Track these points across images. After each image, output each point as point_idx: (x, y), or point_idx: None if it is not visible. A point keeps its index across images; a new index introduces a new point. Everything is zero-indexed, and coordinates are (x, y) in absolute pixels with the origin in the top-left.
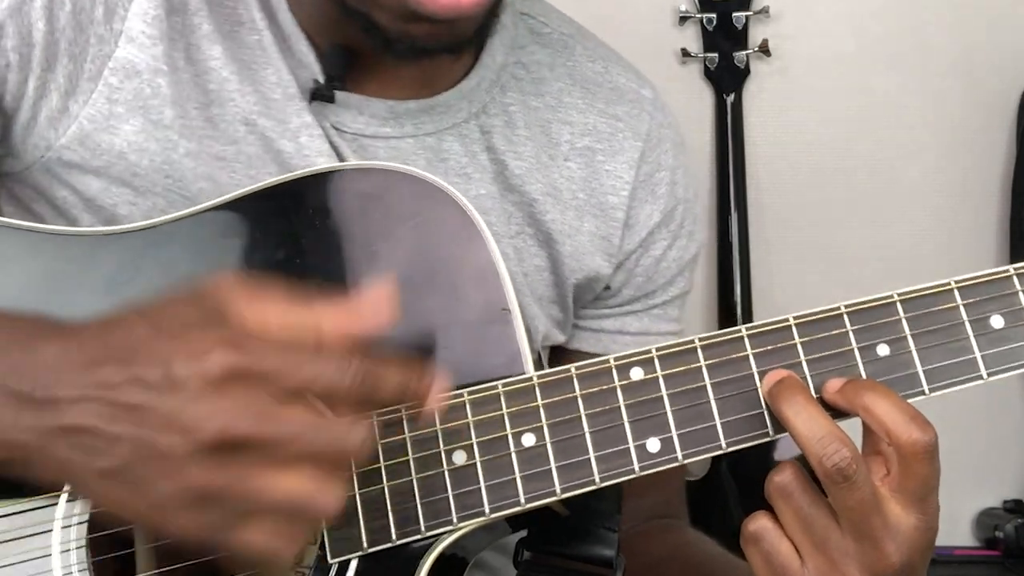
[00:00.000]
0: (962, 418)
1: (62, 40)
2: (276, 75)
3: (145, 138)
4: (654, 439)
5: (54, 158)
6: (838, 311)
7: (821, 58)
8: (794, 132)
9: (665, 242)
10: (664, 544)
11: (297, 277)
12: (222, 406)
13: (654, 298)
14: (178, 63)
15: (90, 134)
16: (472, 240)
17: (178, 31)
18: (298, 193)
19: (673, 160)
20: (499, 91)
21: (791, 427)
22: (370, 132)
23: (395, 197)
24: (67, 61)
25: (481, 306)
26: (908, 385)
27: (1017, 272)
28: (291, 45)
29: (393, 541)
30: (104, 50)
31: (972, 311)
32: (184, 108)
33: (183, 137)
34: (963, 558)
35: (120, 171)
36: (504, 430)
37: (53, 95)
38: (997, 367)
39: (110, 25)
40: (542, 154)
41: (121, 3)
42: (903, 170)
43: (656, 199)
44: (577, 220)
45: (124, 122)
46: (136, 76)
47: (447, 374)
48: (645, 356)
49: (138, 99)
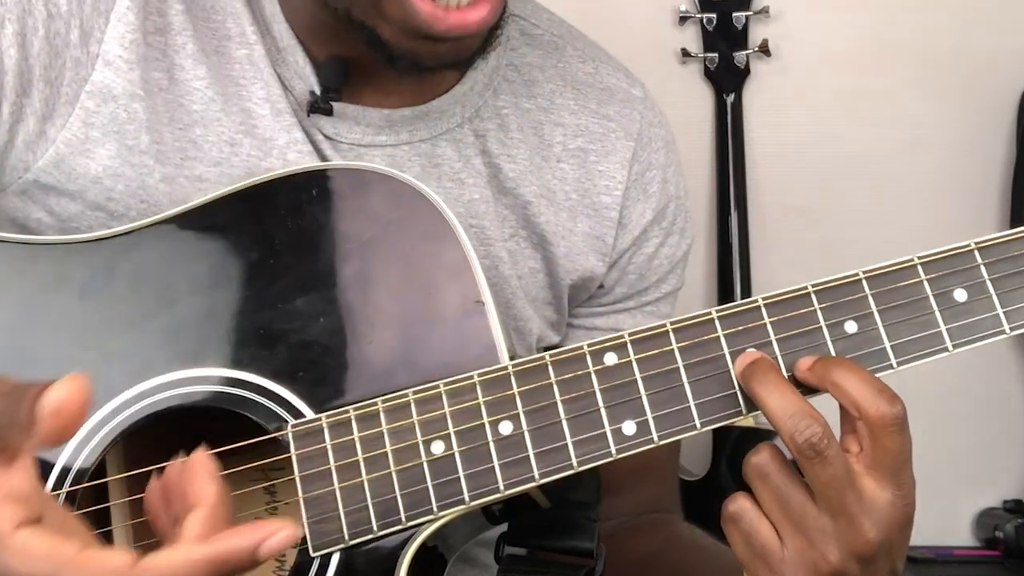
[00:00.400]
0: (962, 418)
1: (36, 66)
2: (264, 90)
3: (120, 163)
4: (630, 422)
5: (31, 180)
6: (805, 290)
7: (821, 58)
8: (794, 132)
9: (657, 240)
10: (655, 537)
11: (270, 277)
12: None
13: (647, 295)
14: (157, 86)
15: (65, 158)
16: (444, 235)
17: (160, 51)
18: (271, 194)
19: (664, 158)
20: (492, 94)
21: (763, 405)
22: (366, 141)
23: (367, 196)
24: (43, 86)
25: (456, 300)
26: (876, 360)
27: (978, 246)
28: (286, 57)
29: (374, 533)
30: (81, 73)
31: (935, 285)
32: (161, 133)
33: (159, 162)
34: (963, 558)
35: (95, 195)
36: (481, 419)
37: (30, 119)
38: (962, 339)
39: (86, 48)
40: (535, 156)
41: (98, 25)
42: (903, 170)
43: (648, 197)
44: (571, 221)
45: (100, 146)
46: (112, 100)
47: (425, 368)
48: (618, 341)
49: (113, 123)
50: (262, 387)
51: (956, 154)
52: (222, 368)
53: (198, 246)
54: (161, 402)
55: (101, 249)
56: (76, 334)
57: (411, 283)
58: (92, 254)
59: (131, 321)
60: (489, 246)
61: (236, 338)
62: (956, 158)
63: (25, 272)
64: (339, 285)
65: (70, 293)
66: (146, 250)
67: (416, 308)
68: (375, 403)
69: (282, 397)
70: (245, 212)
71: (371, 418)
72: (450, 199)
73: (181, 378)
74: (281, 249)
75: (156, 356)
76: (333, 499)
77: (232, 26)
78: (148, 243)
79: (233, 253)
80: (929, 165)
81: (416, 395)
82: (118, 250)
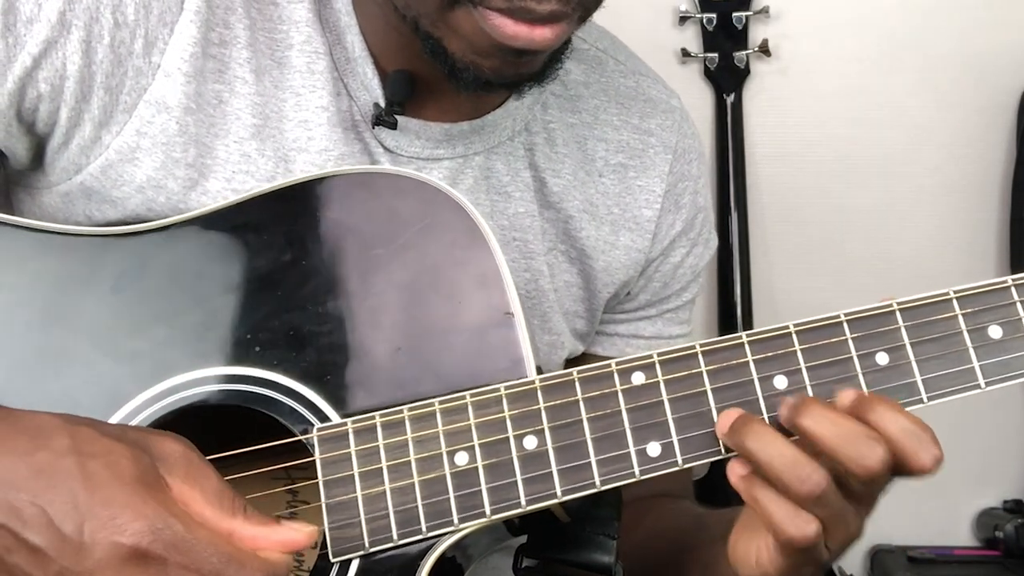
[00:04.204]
0: (962, 418)
1: (99, 73)
2: (325, 99)
3: (164, 175)
4: (655, 443)
5: (78, 182)
6: (838, 319)
7: (821, 58)
8: (794, 132)
9: (684, 249)
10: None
11: (302, 279)
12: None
13: (668, 303)
14: (215, 99)
15: (114, 164)
16: (477, 245)
17: (220, 64)
18: (305, 196)
19: (696, 170)
20: (540, 108)
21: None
22: (425, 155)
23: (401, 202)
24: (103, 93)
25: (485, 310)
26: (906, 393)
27: (1016, 283)
28: (355, 68)
29: (394, 541)
30: (141, 83)
31: (971, 321)
32: (212, 147)
33: (204, 176)
34: (963, 558)
35: (136, 204)
36: (506, 432)
37: (87, 125)
38: (995, 377)
39: (149, 58)
40: (579, 171)
41: (161, 36)
42: (903, 170)
43: (679, 209)
44: (612, 235)
45: (148, 156)
46: (166, 112)
47: (452, 377)
48: (647, 361)
49: (164, 135)
50: (289, 388)
51: (956, 154)
52: (250, 368)
53: (231, 245)
54: (188, 399)
55: (135, 244)
56: (107, 327)
57: (441, 291)
58: (126, 248)
59: (161, 317)
60: (531, 259)
61: (265, 338)
62: (956, 158)
63: (60, 262)
64: (370, 290)
65: (103, 286)
66: (179, 246)
67: (445, 317)
68: (401, 411)
69: (308, 399)
70: (279, 212)
71: (397, 425)
72: (496, 211)
73: (209, 376)
74: (313, 251)
75: (185, 353)
76: (355, 505)
77: (295, 35)
78: (181, 240)
79: (265, 253)
80: (929, 165)
81: (442, 405)
82: (151, 245)
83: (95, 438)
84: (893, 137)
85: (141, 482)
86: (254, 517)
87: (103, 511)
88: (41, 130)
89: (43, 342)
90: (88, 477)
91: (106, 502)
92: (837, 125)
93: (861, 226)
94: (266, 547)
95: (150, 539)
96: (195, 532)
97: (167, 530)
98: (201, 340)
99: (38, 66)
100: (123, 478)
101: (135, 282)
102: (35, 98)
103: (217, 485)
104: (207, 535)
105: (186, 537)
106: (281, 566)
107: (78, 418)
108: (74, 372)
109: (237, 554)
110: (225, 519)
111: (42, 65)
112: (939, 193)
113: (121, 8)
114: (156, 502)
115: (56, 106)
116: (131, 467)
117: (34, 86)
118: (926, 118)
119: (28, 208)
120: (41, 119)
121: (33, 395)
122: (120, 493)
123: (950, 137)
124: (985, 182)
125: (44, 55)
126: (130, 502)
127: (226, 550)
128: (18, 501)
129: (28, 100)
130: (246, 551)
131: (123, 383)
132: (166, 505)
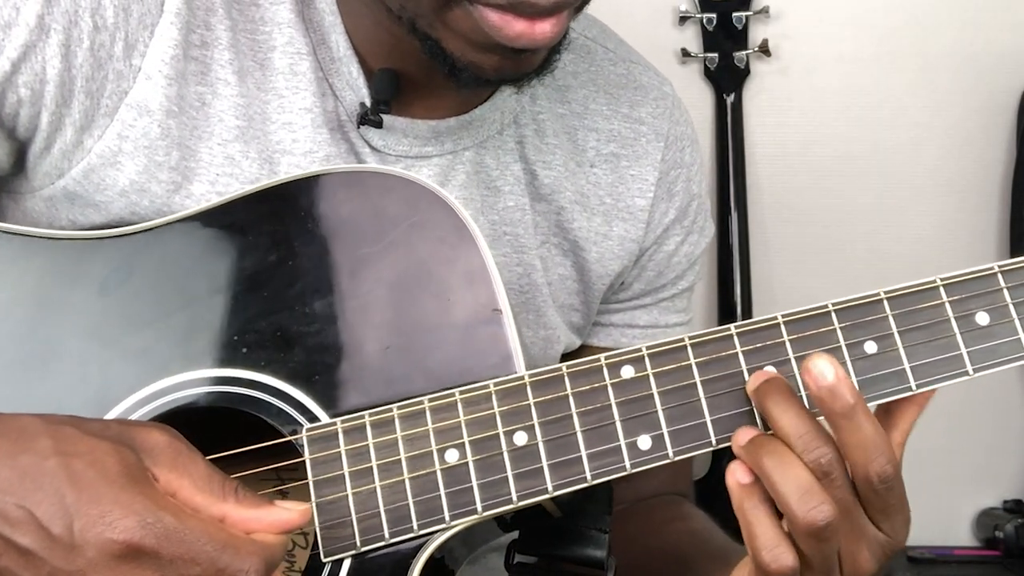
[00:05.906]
0: (962, 418)
1: (79, 77)
2: (308, 100)
3: (147, 179)
4: (645, 436)
5: (60, 187)
6: (826, 309)
7: (821, 58)
8: (794, 132)
9: (678, 238)
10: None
11: (289, 279)
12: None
13: (663, 292)
14: (197, 101)
15: (96, 168)
16: (464, 242)
17: (202, 66)
18: (291, 196)
19: (689, 157)
20: (529, 100)
21: (775, 424)
22: (414, 153)
23: (387, 200)
24: (84, 97)
25: (473, 307)
26: (895, 382)
27: (1002, 269)
28: (340, 67)
29: (386, 540)
30: (122, 86)
31: (958, 308)
32: (195, 150)
33: (188, 180)
34: (963, 558)
35: (120, 208)
36: (496, 429)
37: (68, 129)
38: (983, 363)
39: (129, 61)
40: (570, 161)
41: (142, 39)
42: (903, 170)
43: (672, 197)
44: (605, 226)
45: (130, 159)
46: (148, 115)
47: (441, 375)
48: (635, 354)
49: (146, 138)
50: (277, 389)
51: (956, 154)
52: (239, 369)
53: (217, 245)
54: (177, 401)
55: (121, 245)
56: (94, 330)
57: (429, 289)
58: (112, 250)
59: (149, 319)
60: (523, 253)
61: (253, 339)
62: (956, 158)
63: (46, 266)
64: (357, 289)
65: (89, 288)
66: (166, 248)
67: (433, 314)
68: (390, 409)
69: (297, 400)
70: (266, 213)
71: (386, 424)
72: (487, 207)
73: (197, 378)
74: (300, 251)
75: (173, 355)
76: (345, 504)
77: (277, 36)
78: (168, 241)
79: (252, 253)
80: (929, 165)
81: (431, 403)
82: (138, 247)
83: (78, 437)
84: (893, 137)
85: (127, 477)
86: (246, 499)
87: (92, 509)
88: (22, 135)
89: (31, 346)
90: (73, 477)
91: (94, 500)
92: (837, 125)
93: (861, 226)
94: (260, 529)
95: (141, 533)
96: (186, 522)
97: (157, 523)
98: (189, 342)
99: (17, 71)
100: (109, 475)
101: (122, 285)
102: (15, 103)
103: (205, 471)
104: (199, 524)
105: (178, 528)
106: (277, 547)
107: (60, 417)
108: (62, 376)
109: (231, 539)
110: (216, 504)
111: (21, 69)
112: (939, 193)
113: (100, 11)
114: (144, 496)
115: (37, 111)
116: (116, 463)
117: (14, 91)
118: (926, 118)
119: (12, 214)
120: (22, 124)
121: (21, 400)
122: (107, 490)
123: (950, 137)
124: (985, 182)
125: (23, 59)
126: (118, 498)
127: (220, 537)
128: (4, 505)
129: (8, 105)
130: (240, 536)
131: (111, 386)
132: (154, 498)
